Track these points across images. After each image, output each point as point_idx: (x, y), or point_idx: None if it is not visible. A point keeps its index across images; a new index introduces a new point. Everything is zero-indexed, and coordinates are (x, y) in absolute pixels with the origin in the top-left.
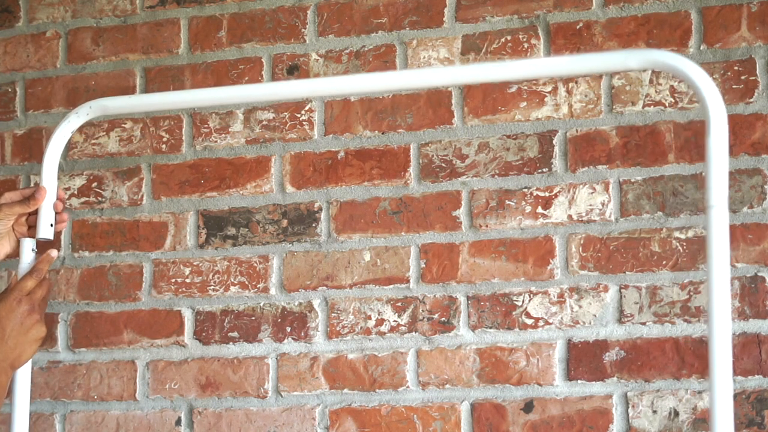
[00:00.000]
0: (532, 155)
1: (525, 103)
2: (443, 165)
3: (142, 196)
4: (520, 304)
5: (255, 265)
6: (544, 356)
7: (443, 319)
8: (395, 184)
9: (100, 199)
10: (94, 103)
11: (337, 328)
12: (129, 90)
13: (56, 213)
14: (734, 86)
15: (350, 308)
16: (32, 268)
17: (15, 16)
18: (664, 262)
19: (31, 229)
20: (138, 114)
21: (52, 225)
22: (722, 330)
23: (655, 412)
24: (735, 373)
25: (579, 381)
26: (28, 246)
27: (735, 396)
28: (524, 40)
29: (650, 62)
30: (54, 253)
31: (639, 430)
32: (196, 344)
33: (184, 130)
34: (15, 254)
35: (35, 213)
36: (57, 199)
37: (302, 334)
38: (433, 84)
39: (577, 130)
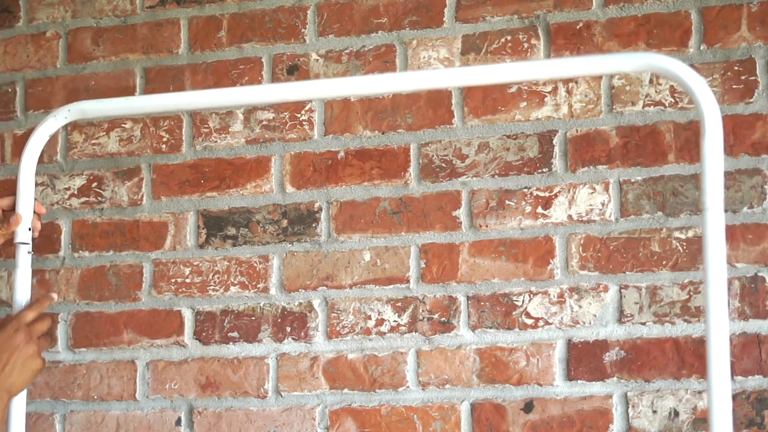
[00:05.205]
0: (532, 155)
1: (525, 103)
2: (443, 165)
3: (142, 196)
4: (520, 304)
5: (255, 265)
6: (544, 356)
7: (443, 319)
8: (395, 184)
9: (100, 199)
10: (72, 106)
11: (337, 328)
12: (129, 90)
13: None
14: (734, 86)
15: (350, 308)
16: (32, 302)
17: (15, 16)
18: (664, 262)
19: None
20: (115, 118)
21: (30, 229)
22: (720, 331)
23: (655, 412)
24: (735, 373)
25: (579, 381)
26: (24, 249)
27: (735, 396)
28: (524, 40)
29: (645, 65)
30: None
31: (639, 430)
32: (196, 344)
33: (184, 130)
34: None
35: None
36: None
37: (302, 334)
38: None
39: (577, 130)
